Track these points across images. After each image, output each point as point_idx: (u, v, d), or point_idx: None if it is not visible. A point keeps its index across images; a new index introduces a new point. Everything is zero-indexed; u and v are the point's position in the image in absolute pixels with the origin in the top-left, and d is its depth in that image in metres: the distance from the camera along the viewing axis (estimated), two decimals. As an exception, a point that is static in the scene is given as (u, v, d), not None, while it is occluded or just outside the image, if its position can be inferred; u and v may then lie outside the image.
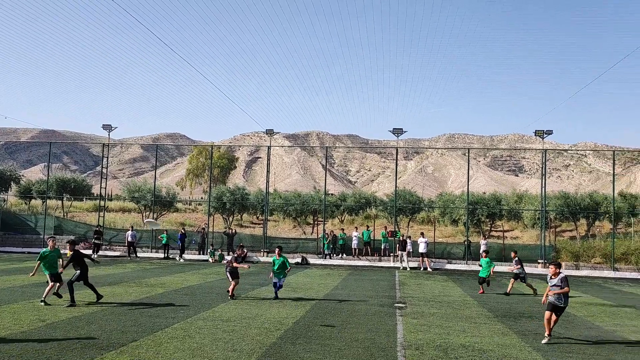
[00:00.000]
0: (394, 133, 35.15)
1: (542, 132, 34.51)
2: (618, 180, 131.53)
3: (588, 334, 11.61)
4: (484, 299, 17.29)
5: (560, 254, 32.87)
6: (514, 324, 12.63)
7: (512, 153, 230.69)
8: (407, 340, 10.20)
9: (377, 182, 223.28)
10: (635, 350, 10.17)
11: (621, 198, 42.33)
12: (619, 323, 13.39)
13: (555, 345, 10.30)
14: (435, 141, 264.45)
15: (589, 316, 14.39)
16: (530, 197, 45.79)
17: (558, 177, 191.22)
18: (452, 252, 34.58)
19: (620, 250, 31.99)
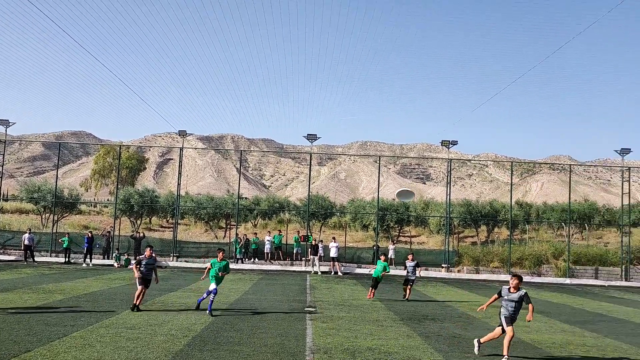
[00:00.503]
0: (308, 139, 35.48)
1: (448, 142, 36.18)
2: (515, 189, 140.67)
3: (485, 335, 12.27)
4: (391, 303, 17.81)
5: (462, 259, 34.56)
6: (418, 326, 13.11)
7: (420, 162, 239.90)
8: (316, 344, 10.30)
9: (291, 186, 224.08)
10: (528, 349, 10.88)
11: (518, 206, 45.32)
12: (515, 324, 14.24)
13: (455, 346, 10.81)
14: (348, 148, 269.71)
15: (486, 317, 15.21)
16: (436, 204, 47.86)
17: (462, 185, 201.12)
18: (362, 257, 35.39)
19: (516, 255, 34.16)
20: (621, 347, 11.46)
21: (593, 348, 11.23)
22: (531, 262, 33.98)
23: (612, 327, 14.47)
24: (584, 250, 35.32)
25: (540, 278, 32.87)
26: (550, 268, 33.98)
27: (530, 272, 33.49)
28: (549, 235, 42.93)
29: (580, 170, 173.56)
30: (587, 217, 42.86)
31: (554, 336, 12.58)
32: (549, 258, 34.50)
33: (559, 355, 10.38)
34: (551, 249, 35.19)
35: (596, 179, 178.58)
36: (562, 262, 33.90)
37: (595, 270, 33.84)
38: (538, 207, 48.34)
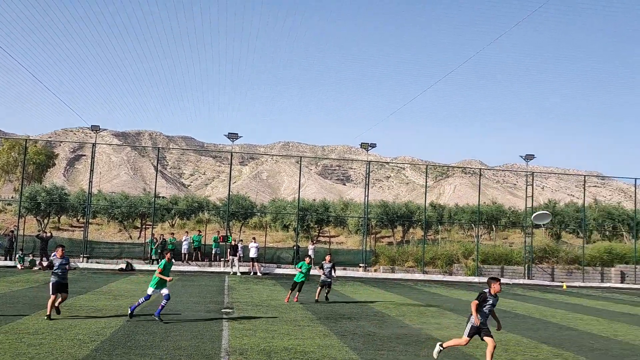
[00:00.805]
0: (230, 137, 35.08)
1: (367, 145, 37.02)
2: (430, 192, 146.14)
3: (399, 332, 12.66)
4: (309, 303, 17.95)
5: (379, 259, 35.44)
6: (335, 325, 13.31)
7: (341, 163, 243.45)
8: (232, 345, 10.20)
9: (212, 186, 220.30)
10: (435, 343, 11.31)
11: (432, 208, 47.07)
12: (424, 321, 14.81)
13: (370, 343, 11.07)
14: (271, 148, 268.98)
15: (400, 316, 15.70)
16: (355, 205, 48.79)
17: (380, 187, 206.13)
18: (282, 257, 35.43)
19: (429, 255, 35.49)
20: (522, 341, 12.20)
21: (498, 342, 11.83)
22: (443, 261, 35.42)
23: (514, 323, 15.36)
24: (491, 250, 37.27)
25: (452, 277, 34.36)
26: (461, 267, 35.58)
27: (442, 271, 34.91)
28: (460, 236, 44.92)
29: (489, 174, 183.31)
30: (494, 218, 45.29)
31: (462, 332, 13.14)
32: (459, 257, 36.11)
33: (466, 350, 10.87)
34: (461, 248, 36.86)
35: (504, 182, 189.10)
36: (472, 262, 35.60)
37: (501, 269, 35.80)
38: (450, 209, 50.46)
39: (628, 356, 11.03)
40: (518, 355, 10.60)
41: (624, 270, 37.21)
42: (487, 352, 9.03)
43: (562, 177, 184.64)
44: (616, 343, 12.62)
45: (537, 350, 11.23)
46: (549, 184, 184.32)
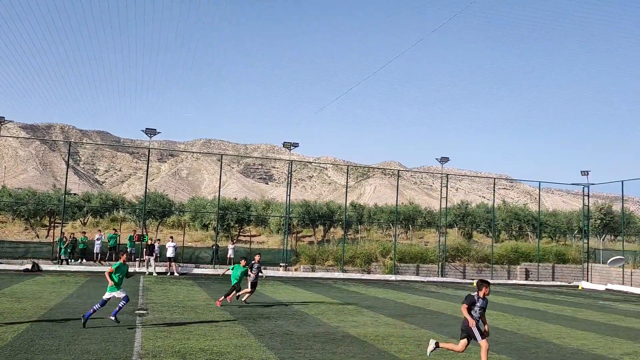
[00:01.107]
0: (147, 133, 33.98)
1: (290, 144, 37.09)
2: (351, 192, 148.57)
3: (316, 331, 12.77)
4: (227, 303, 17.72)
5: (299, 258, 35.60)
6: (253, 325, 13.22)
7: (264, 162, 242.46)
8: (144, 348, 9.87)
9: (128, 183, 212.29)
10: (354, 342, 11.52)
11: (352, 208, 47.90)
12: (342, 319, 15.04)
13: (287, 343, 11.09)
14: (191, 145, 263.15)
15: (319, 314, 15.85)
16: (277, 204, 48.80)
17: (303, 187, 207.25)
18: (201, 257, 34.75)
19: (349, 254, 36.08)
20: (434, 337, 12.66)
21: (410, 339, 12.26)
22: (362, 260, 36.14)
23: (427, 319, 15.94)
24: (408, 249, 38.44)
25: (370, 275, 35.13)
26: (379, 265, 36.45)
27: (361, 269, 35.61)
28: (378, 235, 46.05)
29: (407, 175, 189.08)
30: (411, 218, 46.83)
31: (377, 329, 13.49)
32: (377, 256, 36.97)
33: (381, 347, 11.14)
34: (380, 248, 37.76)
35: (421, 184, 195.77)
36: (389, 260, 36.56)
37: (417, 267, 37.04)
38: (370, 209, 51.63)
39: (529, 349, 11.74)
40: (430, 350, 10.97)
41: (528, 267, 39.58)
42: (481, 354, 8.96)
43: (475, 179, 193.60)
44: (520, 336, 13.39)
45: (447, 345, 11.68)
46: (463, 185, 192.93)
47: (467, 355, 10.37)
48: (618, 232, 43.02)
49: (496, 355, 10.75)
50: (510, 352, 11.20)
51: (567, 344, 12.51)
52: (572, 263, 41.10)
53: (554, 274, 40.13)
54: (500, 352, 11.05)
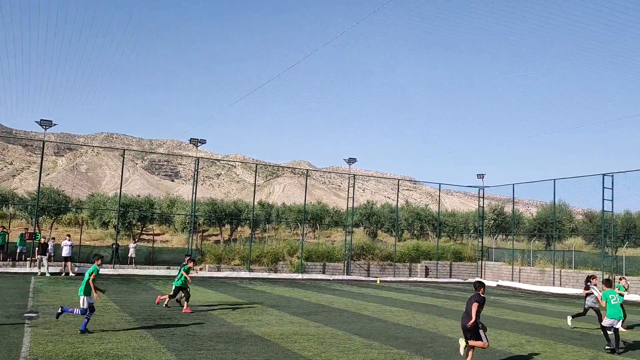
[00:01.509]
0: (42, 125, 31.90)
1: (197, 140, 36.29)
2: (260, 190, 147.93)
3: (220, 331, 12.58)
4: (127, 304, 17.02)
5: (205, 257, 34.92)
6: (154, 326, 12.80)
7: (170, 158, 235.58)
8: (33, 353, 9.24)
9: (20, 177, 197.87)
10: (258, 341, 11.47)
11: (260, 206, 47.71)
12: (247, 319, 14.93)
13: (189, 344, 10.83)
14: (92, 139, 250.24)
15: (223, 314, 15.63)
16: (182, 202, 47.53)
17: (210, 184, 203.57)
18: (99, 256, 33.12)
19: (256, 253, 35.91)
20: (337, 334, 12.90)
21: (314, 337, 12.41)
22: (269, 259, 36.10)
23: (332, 317, 16.21)
24: (315, 247, 38.91)
25: (276, 274, 35.17)
26: (286, 264, 36.59)
27: (268, 269, 35.57)
28: (286, 234, 46.18)
29: (316, 175, 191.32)
30: (319, 217, 47.42)
31: (282, 328, 13.53)
32: (285, 255, 37.10)
33: (285, 345, 11.18)
34: (287, 247, 37.92)
35: (329, 183, 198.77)
36: (296, 259, 36.81)
37: (323, 266, 37.58)
38: (278, 208, 51.67)
39: (426, 343, 12.27)
40: (332, 347, 11.16)
41: (428, 265, 41.43)
42: (474, 345, 9.72)
43: (380, 180, 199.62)
44: (418, 332, 13.97)
45: (350, 341, 11.95)
46: (369, 186, 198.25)
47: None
48: (509, 232, 46.08)
49: (395, 350, 11.13)
50: (408, 346, 11.64)
51: (460, 338, 13.18)
52: (467, 261, 43.51)
53: (452, 271, 42.29)
54: (400, 347, 11.45)
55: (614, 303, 12.40)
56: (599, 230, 36.07)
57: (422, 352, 11.03)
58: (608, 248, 35.16)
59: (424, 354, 10.89)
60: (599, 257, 34.76)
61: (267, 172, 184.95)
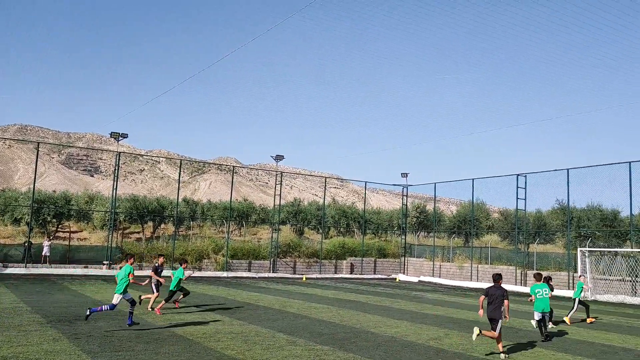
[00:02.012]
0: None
1: (118, 134, 34.98)
2: (185, 187, 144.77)
3: (140, 331, 12.19)
4: (39, 305, 16.15)
5: (124, 256, 33.75)
6: (69, 328, 12.20)
7: (89, 153, 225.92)
8: None
9: None
10: (180, 341, 11.20)
11: (185, 203, 46.68)
12: (169, 318, 14.56)
13: (107, 345, 10.41)
14: (3, 131, 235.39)
15: (143, 314, 15.15)
16: (102, 198, 45.68)
17: (133, 180, 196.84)
18: (10, 255, 31.27)
19: (179, 251, 35.10)
20: (261, 332, 12.84)
21: (238, 335, 12.28)
22: (193, 257, 35.41)
23: (256, 315, 16.12)
24: (240, 245, 38.57)
25: (201, 272, 34.55)
26: (211, 262, 36.03)
27: (192, 266, 34.87)
28: (211, 232, 45.47)
29: (243, 172, 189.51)
30: (245, 215, 47.01)
31: (205, 327, 13.30)
32: (210, 253, 36.52)
33: (208, 344, 10.99)
34: (212, 244, 37.35)
35: (257, 181, 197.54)
36: (221, 257, 36.33)
37: (249, 264, 37.32)
38: (204, 205, 50.79)
39: (350, 338, 12.45)
40: (256, 344, 11.10)
41: (354, 262, 42.12)
42: (486, 334, 11.04)
43: (308, 177, 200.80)
44: (342, 327, 14.16)
45: (274, 339, 11.92)
46: (297, 183, 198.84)
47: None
48: (431, 229, 47.68)
49: (319, 346, 11.23)
50: (332, 342, 11.77)
51: (383, 333, 13.51)
52: (391, 257, 44.64)
53: (376, 267, 43.23)
54: (323, 344, 11.56)
55: (540, 297, 13.35)
56: (513, 227, 38.05)
57: (345, 348, 11.19)
58: (521, 244, 37.14)
59: (347, 349, 11.05)
60: (513, 253, 36.68)
61: (193, 169, 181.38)
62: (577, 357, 11.26)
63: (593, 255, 30.05)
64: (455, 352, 11.27)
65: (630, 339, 14.22)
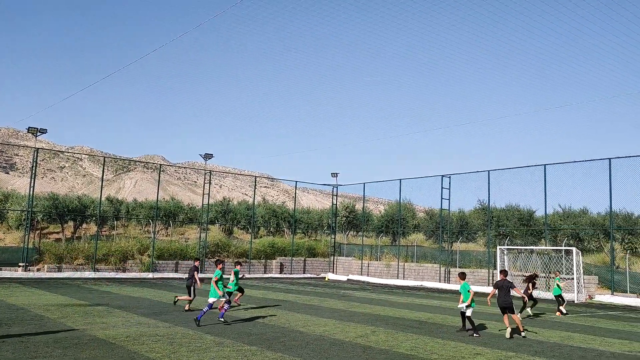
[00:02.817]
0: None
1: (36, 129, 33.25)
2: (109, 185, 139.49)
3: (58, 336, 11.61)
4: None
5: (44, 257, 32.12)
6: (-22, 334, 11.45)
7: (5, 148, 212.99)
8: None
9: None
10: (102, 345, 10.76)
11: (108, 202, 44.97)
12: (90, 322, 13.97)
13: (22, 351, 9.85)
14: None
15: (62, 317, 14.48)
16: (18, 196, 43.19)
17: (52, 178, 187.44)
18: None
19: (102, 252, 33.79)
20: (188, 333, 12.57)
21: (163, 337, 11.97)
22: (117, 258, 34.21)
23: (183, 316, 15.78)
24: (167, 245, 37.62)
25: (125, 274, 33.42)
26: (135, 263, 34.91)
27: (116, 268, 33.68)
28: (137, 232, 44.06)
29: (171, 170, 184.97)
30: (173, 214, 45.89)
31: (129, 330, 12.87)
32: (134, 254, 35.38)
33: (132, 347, 10.64)
34: (137, 244, 36.21)
35: (185, 179, 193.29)
36: (147, 258, 35.29)
37: (176, 264, 36.47)
38: (129, 204, 49.12)
39: (278, 338, 12.44)
40: (182, 347, 10.86)
41: (283, 261, 42.12)
42: (516, 320, 14.13)
43: (238, 177, 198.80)
44: (270, 327, 14.13)
45: (201, 340, 11.71)
46: (226, 183, 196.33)
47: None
48: (360, 228, 48.47)
49: (247, 346, 11.14)
50: (260, 342, 11.71)
51: (311, 332, 13.60)
52: (321, 257, 45.01)
53: (306, 267, 43.45)
54: (251, 344, 11.48)
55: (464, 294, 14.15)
56: (438, 226, 39.37)
57: (274, 348, 11.17)
58: (445, 243, 38.50)
59: (275, 349, 11.03)
60: (437, 252, 37.95)
61: (118, 166, 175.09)
62: (495, 350, 11.81)
63: (511, 253, 31.62)
64: (382, 349, 11.51)
65: (542, 332, 15.08)
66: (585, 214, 36.90)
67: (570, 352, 11.90)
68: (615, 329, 16.44)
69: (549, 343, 13.13)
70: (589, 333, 15.19)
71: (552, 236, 34.59)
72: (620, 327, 16.98)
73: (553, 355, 11.46)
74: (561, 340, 13.56)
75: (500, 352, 11.62)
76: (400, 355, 10.78)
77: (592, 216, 36.47)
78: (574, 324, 17.48)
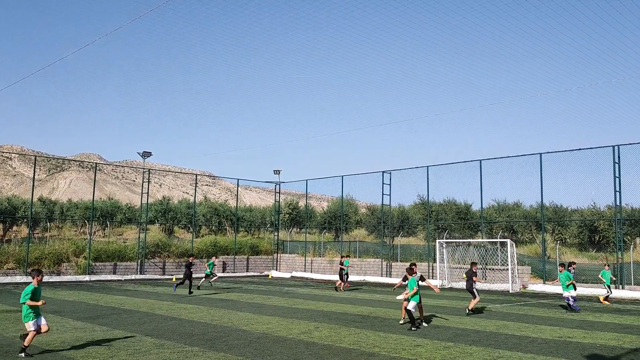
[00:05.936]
0: None
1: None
2: (42, 185, 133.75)
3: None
4: None
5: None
6: None
7: None
8: None
9: None
10: (32, 352, 10.32)
11: (41, 203, 43.09)
12: (21, 328, 13.29)
13: (-56, 363, 9.31)
14: None
15: (-9, 325, 13.77)
16: (-60, 198, 40.71)
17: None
18: None
19: (35, 255, 32.33)
20: (126, 337, 12.23)
21: (101, 341, 11.60)
22: (51, 261, 32.83)
23: (122, 319, 15.33)
24: (104, 246, 36.41)
25: (60, 277, 32.14)
26: (71, 266, 33.63)
27: (50, 271, 32.32)
28: (72, 233, 42.45)
29: (108, 169, 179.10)
30: (110, 214, 44.48)
31: (64, 335, 12.39)
32: (69, 256, 34.07)
33: (67, 353, 10.25)
34: (73, 246, 34.87)
35: (123, 178, 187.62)
36: (83, 260, 34.05)
37: (114, 266, 35.37)
38: (63, 205, 47.27)
39: (221, 337, 12.30)
40: (121, 351, 10.55)
41: (226, 260, 41.65)
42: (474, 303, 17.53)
43: (178, 175, 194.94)
44: (213, 327, 13.95)
45: (140, 343, 11.43)
46: (166, 181, 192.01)
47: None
48: (303, 225, 48.58)
49: (188, 347, 10.96)
50: (202, 343, 11.54)
51: (254, 330, 13.52)
52: (264, 254, 44.81)
53: (249, 265, 43.16)
54: (193, 344, 11.30)
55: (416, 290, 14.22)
56: (379, 222, 40.01)
57: (216, 347, 11.04)
58: (386, 238, 39.19)
59: (217, 348, 10.91)
60: (379, 246, 38.58)
61: (51, 165, 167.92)
62: (434, 341, 12.13)
63: (450, 246, 32.57)
64: (325, 344, 11.60)
65: (480, 322, 15.62)
66: (518, 207, 38.47)
67: (506, 340, 12.39)
68: (547, 317, 17.25)
69: (485, 332, 13.62)
70: (523, 321, 15.87)
71: (488, 229, 35.85)
72: (552, 315, 17.83)
73: (489, 343, 11.89)
74: (497, 329, 14.10)
75: (439, 342, 11.95)
76: (343, 350, 10.90)
77: (525, 209, 38.06)
78: (509, 313, 18.21)
